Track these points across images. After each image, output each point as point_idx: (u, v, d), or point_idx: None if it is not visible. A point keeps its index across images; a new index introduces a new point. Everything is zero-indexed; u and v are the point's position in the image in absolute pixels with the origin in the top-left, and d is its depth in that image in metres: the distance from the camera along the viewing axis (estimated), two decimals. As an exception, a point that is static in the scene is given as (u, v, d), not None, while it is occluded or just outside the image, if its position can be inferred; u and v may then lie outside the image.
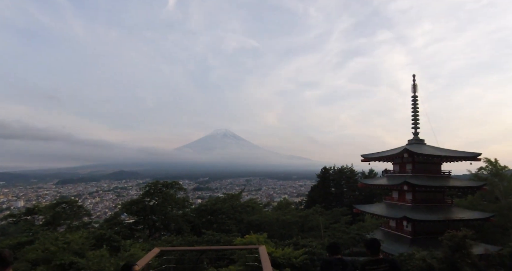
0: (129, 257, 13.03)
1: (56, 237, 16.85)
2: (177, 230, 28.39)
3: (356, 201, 43.87)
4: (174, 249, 12.05)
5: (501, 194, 31.11)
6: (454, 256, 16.21)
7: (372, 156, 31.70)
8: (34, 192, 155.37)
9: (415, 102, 30.90)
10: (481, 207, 29.98)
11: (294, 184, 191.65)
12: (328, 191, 49.50)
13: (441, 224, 24.72)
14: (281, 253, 13.16)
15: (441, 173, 29.19)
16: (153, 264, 9.08)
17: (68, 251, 14.97)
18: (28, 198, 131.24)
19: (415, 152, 27.00)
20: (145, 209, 29.30)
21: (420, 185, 26.47)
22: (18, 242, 18.50)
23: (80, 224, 28.05)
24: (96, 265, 12.29)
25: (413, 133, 30.85)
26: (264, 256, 7.37)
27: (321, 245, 20.51)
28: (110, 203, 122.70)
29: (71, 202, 30.57)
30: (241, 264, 11.26)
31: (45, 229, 23.32)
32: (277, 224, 28.81)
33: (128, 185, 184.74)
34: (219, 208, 30.87)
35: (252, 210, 33.24)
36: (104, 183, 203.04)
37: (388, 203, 30.23)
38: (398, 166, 30.45)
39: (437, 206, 27.64)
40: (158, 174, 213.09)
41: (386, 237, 26.57)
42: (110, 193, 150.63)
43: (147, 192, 30.61)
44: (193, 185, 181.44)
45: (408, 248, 22.77)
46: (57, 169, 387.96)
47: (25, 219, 27.01)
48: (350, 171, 51.26)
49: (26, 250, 15.59)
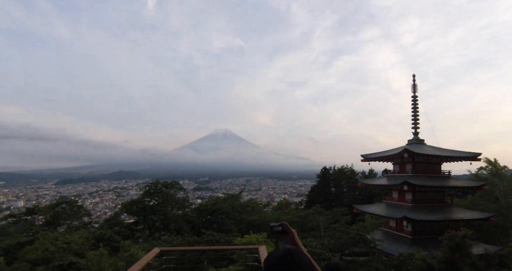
0: (129, 257, 13.04)
1: (56, 237, 16.85)
2: (177, 230, 28.38)
3: (356, 201, 43.89)
4: (174, 249, 12.03)
5: (501, 194, 31.13)
6: (454, 256, 16.23)
7: (372, 156, 31.70)
8: (34, 192, 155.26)
9: (415, 102, 30.89)
10: (481, 207, 29.99)
11: (294, 184, 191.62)
12: (328, 191, 49.54)
13: (441, 224, 24.72)
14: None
15: (441, 173, 29.19)
16: (153, 264, 9.07)
17: (68, 251, 14.96)
18: (28, 198, 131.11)
19: (415, 152, 27.00)
20: (145, 209, 29.30)
21: (420, 185, 26.47)
22: (18, 242, 18.47)
23: (80, 224, 28.04)
24: (96, 265, 12.29)
25: (413, 133, 30.84)
26: (264, 256, 7.36)
27: (321, 245, 20.52)
28: (110, 203, 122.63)
29: (71, 202, 30.56)
30: (241, 264, 11.26)
31: (45, 229, 23.30)
32: (277, 224, 28.78)
33: (128, 185, 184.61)
34: (219, 208, 30.88)
35: (252, 210, 33.26)
36: (104, 183, 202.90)
37: (388, 203, 30.23)
38: (398, 166, 30.45)
39: (437, 206, 27.64)
40: (158, 174, 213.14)
41: (386, 237, 26.57)
42: (110, 193, 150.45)
43: (147, 192, 30.61)
44: (193, 185, 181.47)
45: (408, 248, 22.78)
46: (57, 169, 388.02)
47: (25, 219, 26.99)
48: (350, 171, 51.29)
49: (26, 250, 15.58)
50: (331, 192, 49.86)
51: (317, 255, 18.10)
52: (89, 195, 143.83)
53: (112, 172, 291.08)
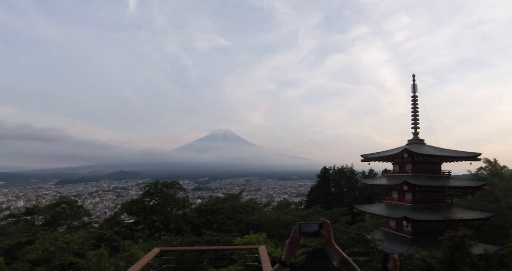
0: (129, 257, 13.03)
1: (56, 237, 16.86)
2: (177, 230, 28.39)
3: (356, 201, 43.87)
4: (174, 249, 12.04)
5: (500, 194, 31.14)
6: (454, 256, 16.24)
7: (372, 156, 31.71)
8: (34, 192, 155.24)
9: (415, 102, 30.89)
10: (481, 207, 29.99)
11: (294, 184, 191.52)
12: (328, 191, 49.51)
13: (441, 224, 24.74)
14: (281, 253, 13.14)
15: (441, 173, 29.20)
16: (153, 264, 9.08)
17: (68, 251, 14.97)
18: (28, 198, 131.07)
19: (415, 152, 27.01)
20: (145, 209, 29.30)
21: (420, 185, 26.48)
22: (18, 242, 18.47)
23: (80, 224, 28.04)
24: (95, 265, 12.29)
25: (413, 133, 30.84)
26: (264, 256, 7.36)
27: (321, 245, 20.53)
28: (110, 203, 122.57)
29: (71, 202, 30.54)
30: (241, 264, 11.26)
31: (45, 229, 23.30)
32: (277, 224, 28.81)
33: (128, 185, 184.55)
34: (219, 208, 30.88)
35: (252, 210, 33.25)
36: (104, 183, 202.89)
37: (388, 203, 30.24)
38: (398, 166, 30.46)
39: (437, 206, 27.64)
40: (158, 174, 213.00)
41: (386, 237, 26.58)
42: (110, 193, 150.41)
43: (147, 192, 30.62)
44: (193, 185, 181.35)
45: (408, 248, 22.79)
46: (56, 169, 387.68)
47: (25, 219, 26.97)
48: (350, 171, 51.26)
49: (26, 250, 15.58)
50: (331, 192, 49.84)
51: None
52: (89, 195, 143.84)
53: (112, 172, 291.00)
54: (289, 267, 2.16)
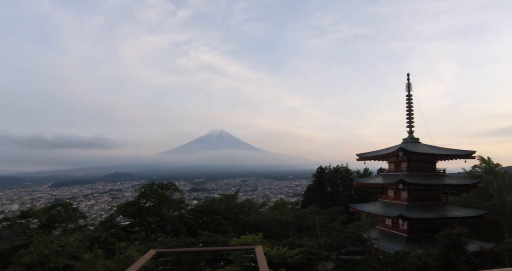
0: (125, 260, 12.96)
1: (51, 240, 16.75)
2: (173, 231, 28.33)
3: (352, 200, 44.02)
4: (170, 251, 11.99)
5: (495, 192, 31.35)
6: (450, 253, 16.36)
7: (367, 155, 31.78)
8: (28, 195, 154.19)
9: (410, 101, 31.02)
10: (476, 205, 30.18)
11: (290, 184, 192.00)
12: (324, 191, 49.65)
13: (437, 222, 24.85)
14: (276, 253, 13.18)
15: (436, 171, 29.33)
16: (149, 266, 9.04)
17: (63, 254, 14.89)
18: (23, 201, 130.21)
19: (410, 151, 27.10)
20: (140, 211, 29.18)
21: (415, 184, 26.59)
22: (12, 246, 18.34)
23: (75, 227, 27.92)
24: (91, 267, 12.22)
25: (408, 132, 30.96)
26: (261, 257, 7.36)
27: (318, 244, 20.58)
28: (105, 205, 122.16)
29: (66, 204, 30.35)
30: (237, 265, 11.25)
31: (40, 232, 23.19)
32: (273, 224, 28.82)
33: (123, 187, 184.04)
34: (215, 209, 30.82)
35: (248, 210, 33.23)
36: (99, 185, 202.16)
37: (384, 202, 30.33)
38: (393, 164, 30.55)
39: (432, 204, 27.77)
40: (154, 176, 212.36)
41: (382, 236, 26.65)
42: (105, 195, 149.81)
43: (142, 193, 30.48)
44: (189, 186, 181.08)
45: (404, 246, 22.88)
46: (51, 171, 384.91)
47: (19, 223, 26.80)
48: (345, 170, 51.48)
49: (21, 253, 15.48)
50: (327, 192, 49.98)
51: (313, 254, 18.16)
52: (84, 198, 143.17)
53: (107, 174, 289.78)
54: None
